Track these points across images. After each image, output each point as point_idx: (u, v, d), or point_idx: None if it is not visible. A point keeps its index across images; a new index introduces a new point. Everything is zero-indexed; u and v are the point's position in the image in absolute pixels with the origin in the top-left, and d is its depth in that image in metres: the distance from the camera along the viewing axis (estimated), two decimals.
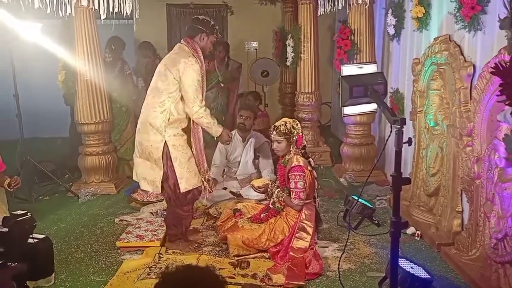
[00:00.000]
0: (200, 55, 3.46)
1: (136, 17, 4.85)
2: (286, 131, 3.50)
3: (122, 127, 5.67)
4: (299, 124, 3.58)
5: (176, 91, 3.40)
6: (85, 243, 3.78)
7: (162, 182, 3.48)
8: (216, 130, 3.56)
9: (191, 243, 3.66)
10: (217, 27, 3.59)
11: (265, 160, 4.76)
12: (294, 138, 3.51)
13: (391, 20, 4.78)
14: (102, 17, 4.62)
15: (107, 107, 5.03)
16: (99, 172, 5.06)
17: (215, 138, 3.69)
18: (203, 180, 3.60)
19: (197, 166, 3.56)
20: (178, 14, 7.98)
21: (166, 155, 3.42)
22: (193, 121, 3.51)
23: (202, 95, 3.45)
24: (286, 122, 3.54)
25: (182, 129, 3.50)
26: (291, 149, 3.52)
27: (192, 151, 3.54)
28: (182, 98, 3.43)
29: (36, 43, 4.88)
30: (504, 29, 1.74)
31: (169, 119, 3.41)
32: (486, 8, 3.18)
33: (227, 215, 3.85)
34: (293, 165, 3.42)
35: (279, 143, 3.55)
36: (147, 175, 3.52)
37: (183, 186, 3.45)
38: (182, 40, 3.54)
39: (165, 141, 3.41)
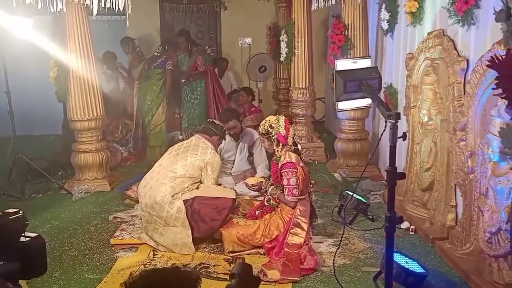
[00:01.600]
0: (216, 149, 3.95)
1: (129, 12, 4.80)
2: (264, 132, 3.53)
3: (153, 110, 6.07)
4: (281, 121, 3.54)
5: (200, 174, 3.71)
6: (78, 241, 3.76)
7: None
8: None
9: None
10: (224, 129, 4.13)
11: (258, 156, 4.75)
12: (274, 137, 3.50)
13: (385, 15, 4.77)
14: (94, 12, 4.57)
15: (100, 104, 4.99)
16: (92, 169, 5.03)
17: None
18: None
19: None
20: (171, 10, 7.93)
21: (191, 206, 3.53)
22: None
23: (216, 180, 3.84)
24: (265, 122, 3.56)
25: None
26: (275, 147, 3.52)
27: None
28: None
29: (28, 39, 4.83)
30: (499, 21, 1.73)
31: (188, 186, 3.64)
32: (479, 2, 3.17)
33: None
34: (284, 161, 3.42)
35: (263, 142, 3.65)
36: (177, 240, 3.51)
37: (232, 194, 3.63)
38: (197, 134, 3.97)
39: (183, 201, 3.53)
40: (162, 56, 6.23)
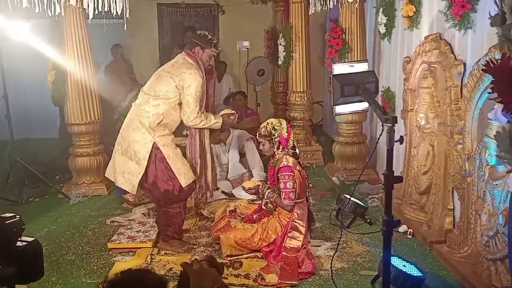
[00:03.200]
0: (201, 67, 3.53)
1: (127, 16, 4.80)
2: (266, 133, 3.51)
3: None
4: (283, 124, 3.54)
5: (174, 98, 3.47)
6: (76, 245, 3.75)
7: (142, 183, 3.48)
8: (215, 123, 3.65)
9: (184, 243, 3.65)
10: (215, 41, 3.63)
11: (252, 158, 4.74)
12: (276, 139, 3.50)
13: (382, 18, 4.79)
14: (91, 16, 4.58)
15: (98, 108, 4.99)
16: (90, 173, 5.02)
17: (220, 130, 3.72)
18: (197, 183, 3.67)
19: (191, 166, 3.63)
20: (169, 14, 7.92)
21: (156, 156, 3.41)
22: (190, 128, 3.63)
23: (201, 107, 3.55)
24: (267, 124, 3.54)
25: (171, 130, 3.57)
26: (275, 150, 3.52)
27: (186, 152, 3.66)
28: (178, 105, 3.50)
29: (25, 43, 4.84)
30: (495, 26, 1.74)
31: (160, 122, 3.45)
32: (476, 6, 3.19)
33: (219, 216, 3.84)
34: (281, 165, 3.42)
35: (262, 144, 3.60)
36: (125, 174, 3.49)
37: (184, 181, 3.46)
38: (183, 51, 3.63)
39: (154, 142, 3.41)
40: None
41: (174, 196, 3.49)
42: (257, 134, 3.59)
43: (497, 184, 2.85)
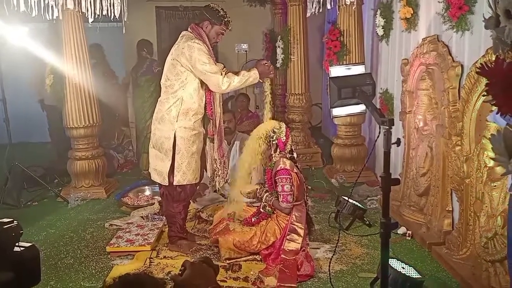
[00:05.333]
0: (205, 39, 3.39)
1: (125, 19, 4.81)
2: (265, 135, 3.50)
3: (147, 116, 5.67)
4: (283, 127, 3.54)
5: (188, 78, 3.35)
6: (74, 249, 3.75)
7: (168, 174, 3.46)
8: (253, 78, 3.37)
9: (192, 245, 3.65)
10: (227, 19, 3.47)
11: None
12: (274, 142, 3.50)
13: (380, 21, 4.80)
14: (90, 20, 4.58)
15: (96, 111, 4.99)
16: (88, 177, 5.01)
17: (260, 81, 3.45)
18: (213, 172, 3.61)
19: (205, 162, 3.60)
20: (168, 17, 7.94)
21: (174, 147, 3.41)
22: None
23: (216, 67, 3.34)
24: (266, 127, 3.54)
25: (196, 123, 3.45)
26: (273, 152, 3.51)
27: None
28: (196, 87, 3.38)
29: (23, 47, 4.84)
30: (489, 28, 1.74)
31: (181, 108, 3.38)
32: (473, 8, 3.20)
33: (218, 219, 3.83)
34: (278, 168, 3.41)
35: (259, 146, 3.56)
36: (157, 166, 3.51)
37: (177, 179, 3.44)
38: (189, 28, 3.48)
39: (175, 131, 3.39)
40: (145, 61, 5.99)
41: (176, 192, 3.50)
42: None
43: (495, 186, 2.85)
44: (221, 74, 3.30)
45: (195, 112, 3.44)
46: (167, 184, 3.47)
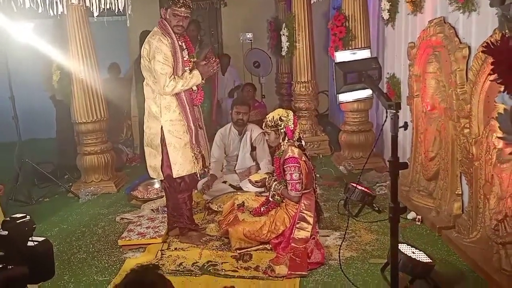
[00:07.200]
0: (169, 31, 3.35)
1: (129, 12, 4.80)
2: (273, 124, 3.49)
3: None
4: (290, 115, 3.51)
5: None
6: (87, 243, 3.79)
7: (161, 168, 3.50)
8: (196, 79, 3.40)
9: (202, 235, 3.67)
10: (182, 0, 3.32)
11: (262, 151, 4.74)
12: (282, 130, 3.49)
13: (385, 4, 4.73)
14: (95, 14, 4.58)
15: (104, 106, 5.02)
16: (98, 171, 5.05)
17: (203, 82, 3.48)
18: (195, 159, 3.51)
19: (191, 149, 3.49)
20: None
21: (163, 141, 3.45)
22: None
23: (176, 70, 3.34)
24: (274, 114, 3.53)
25: (181, 114, 3.44)
26: (281, 141, 3.51)
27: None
28: None
29: (29, 43, 4.86)
30: (494, 6, 1.71)
31: (161, 103, 3.42)
32: None
33: (228, 209, 3.85)
34: (287, 156, 3.40)
35: (268, 134, 3.58)
36: (151, 163, 3.57)
37: (176, 172, 3.46)
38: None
39: (162, 126, 3.43)
40: None
41: (177, 184, 3.53)
42: (264, 124, 3.57)
43: (504, 168, 2.82)
44: (170, 76, 3.30)
45: (175, 103, 3.43)
46: (164, 178, 3.53)
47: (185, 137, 3.47)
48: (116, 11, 4.63)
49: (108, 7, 4.59)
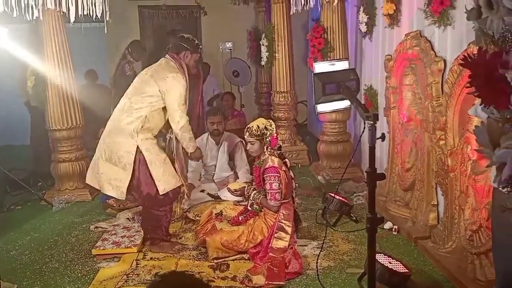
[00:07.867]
0: (185, 71, 3.53)
1: (107, 19, 4.74)
2: (259, 133, 3.48)
3: None
4: (273, 125, 3.54)
5: (158, 102, 3.44)
6: (59, 252, 3.69)
7: (130, 188, 3.44)
8: (193, 146, 3.66)
9: (174, 244, 3.62)
10: (201, 46, 3.69)
11: (239, 161, 4.73)
12: (268, 139, 3.48)
13: (363, 17, 4.81)
14: (72, 20, 4.50)
15: (79, 112, 4.93)
16: (72, 179, 4.94)
17: (189, 154, 3.72)
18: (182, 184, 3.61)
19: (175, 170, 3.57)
20: (151, 16, 7.87)
21: (139, 161, 3.39)
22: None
23: (185, 110, 3.51)
24: (259, 124, 3.52)
25: (154, 132, 3.53)
26: (265, 150, 3.50)
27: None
28: (162, 109, 3.47)
29: (3, 49, 4.75)
30: (471, 20, 1.75)
31: (144, 125, 3.42)
32: (454, 3, 3.22)
33: (205, 219, 3.81)
34: (267, 166, 3.40)
35: (252, 144, 3.54)
36: (112, 181, 3.45)
37: (162, 188, 3.41)
38: (167, 55, 3.58)
39: (137, 146, 3.37)
40: (122, 61, 5.91)
41: (158, 200, 3.46)
42: (247, 133, 3.52)
43: (479, 179, 2.88)
44: (185, 116, 3.49)
45: (153, 129, 3.51)
46: (140, 197, 3.50)
47: (161, 153, 3.49)
48: (94, 17, 4.56)
49: (85, 13, 4.52)
